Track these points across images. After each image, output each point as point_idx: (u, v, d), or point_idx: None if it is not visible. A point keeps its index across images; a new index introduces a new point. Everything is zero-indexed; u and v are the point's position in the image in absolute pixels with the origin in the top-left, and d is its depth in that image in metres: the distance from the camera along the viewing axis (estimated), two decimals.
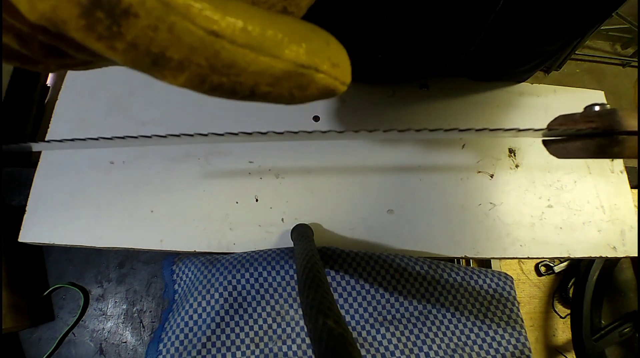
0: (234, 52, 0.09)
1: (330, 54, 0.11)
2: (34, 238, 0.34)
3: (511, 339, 0.32)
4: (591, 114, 0.17)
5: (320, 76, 0.10)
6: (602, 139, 0.17)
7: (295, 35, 0.10)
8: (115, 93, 0.39)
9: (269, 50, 0.09)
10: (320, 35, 0.11)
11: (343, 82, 0.11)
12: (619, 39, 1.56)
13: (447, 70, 0.38)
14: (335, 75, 0.11)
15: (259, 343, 0.30)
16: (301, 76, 0.10)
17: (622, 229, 0.38)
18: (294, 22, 0.10)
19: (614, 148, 0.16)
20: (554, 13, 0.29)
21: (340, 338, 0.14)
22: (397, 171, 0.38)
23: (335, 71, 0.11)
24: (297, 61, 0.10)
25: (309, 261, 0.21)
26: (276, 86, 0.10)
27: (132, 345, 0.37)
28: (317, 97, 0.11)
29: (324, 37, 0.11)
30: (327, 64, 0.10)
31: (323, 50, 0.10)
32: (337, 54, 0.11)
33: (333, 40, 0.11)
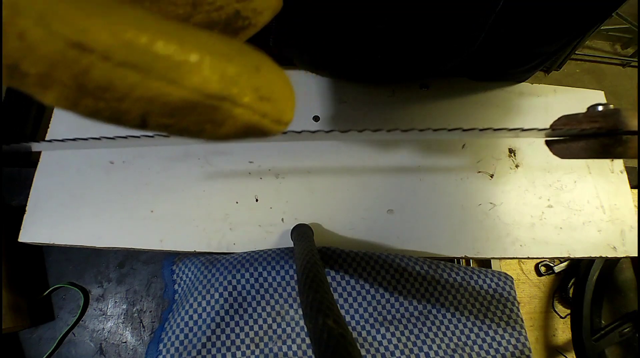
0: (108, 70, 0.07)
1: (258, 84, 0.08)
2: (34, 238, 0.34)
3: (511, 339, 0.32)
4: (594, 114, 0.17)
5: (239, 111, 0.08)
6: (606, 139, 0.17)
7: (208, 57, 0.07)
8: None
9: (163, 74, 0.07)
10: (249, 59, 0.08)
11: (277, 121, 0.09)
12: (619, 39, 1.56)
13: (447, 70, 0.38)
14: (263, 111, 0.08)
15: (259, 343, 0.30)
16: (213, 108, 0.08)
17: (622, 229, 0.38)
18: (213, 38, 0.08)
19: (617, 148, 0.16)
20: (554, 13, 0.29)
21: (340, 338, 0.14)
22: (397, 171, 0.38)
23: (264, 106, 0.08)
24: (204, 90, 0.07)
25: (309, 261, 0.21)
26: (178, 117, 0.08)
27: (132, 345, 0.37)
28: (241, 137, 0.09)
29: (255, 61, 0.08)
30: (251, 96, 0.08)
31: (248, 78, 0.08)
32: (269, 84, 0.09)
33: (267, 66, 0.09)
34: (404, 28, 0.29)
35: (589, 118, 0.17)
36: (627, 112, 0.16)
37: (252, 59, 0.08)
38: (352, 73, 0.39)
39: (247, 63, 0.08)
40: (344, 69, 0.38)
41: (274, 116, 0.09)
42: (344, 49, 0.33)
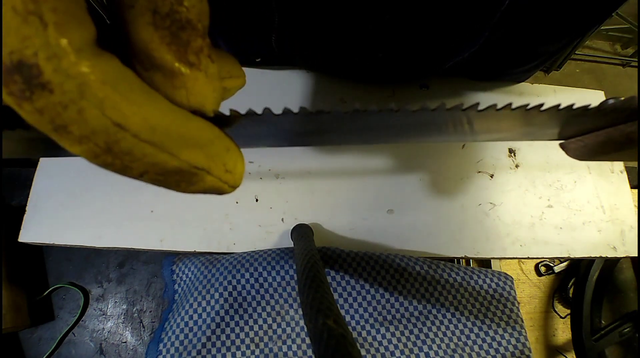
0: (134, 144, 0.09)
1: (227, 161, 0.11)
2: (34, 238, 0.34)
3: (511, 339, 0.32)
4: (607, 107, 0.15)
5: (210, 178, 0.11)
6: (628, 125, 0.15)
7: (199, 139, 0.10)
8: None
9: (169, 149, 0.10)
10: (223, 142, 0.11)
11: (232, 186, 0.12)
12: (619, 39, 1.56)
13: (447, 70, 0.38)
14: (225, 179, 0.12)
15: (259, 343, 0.30)
16: (193, 174, 0.11)
17: (622, 229, 0.38)
18: (203, 125, 0.11)
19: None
20: (556, 13, 0.29)
21: (340, 338, 0.14)
22: (397, 171, 0.38)
23: (227, 176, 0.12)
24: (192, 162, 0.10)
25: (309, 261, 0.21)
26: (166, 176, 0.10)
27: (132, 345, 0.37)
28: (201, 193, 0.12)
29: (226, 144, 0.12)
30: (221, 170, 0.11)
31: (221, 156, 0.11)
32: (233, 161, 0.12)
33: (233, 148, 0.12)
34: (410, 20, 0.29)
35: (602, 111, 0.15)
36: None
37: (225, 143, 0.12)
38: (352, 73, 0.39)
39: (222, 145, 0.11)
40: (345, 68, 0.38)
41: (231, 183, 0.12)
42: (345, 47, 0.33)
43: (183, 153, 0.10)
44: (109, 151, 0.09)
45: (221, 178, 0.11)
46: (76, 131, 0.08)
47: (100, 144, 0.09)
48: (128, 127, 0.09)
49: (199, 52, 0.10)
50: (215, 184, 0.11)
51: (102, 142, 0.09)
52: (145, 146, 0.09)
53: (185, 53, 0.10)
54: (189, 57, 0.10)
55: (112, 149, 0.09)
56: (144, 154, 0.09)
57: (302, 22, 0.31)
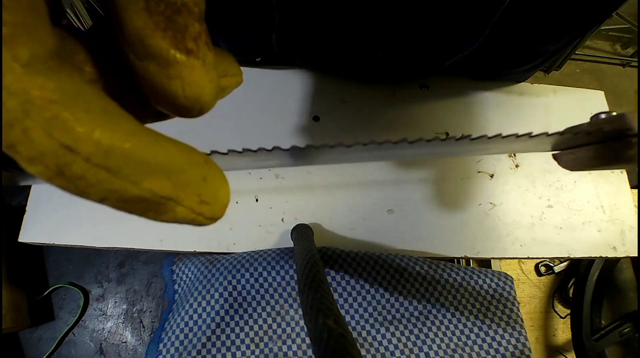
0: (86, 168, 0.08)
1: (202, 191, 0.10)
2: (34, 238, 0.34)
3: (511, 339, 0.32)
4: (599, 122, 0.17)
5: (180, 209, 0.10)
6: (616, 143, 0.16)
7: (169, 167, 0.10)
8: None
9: (127, 176, 0.09)
10: (199, 170, 0.10)
11: (210, 218, 0.11)
12: (619, 39, 1.56)
13: (447, 69, 0.38)
14: (200, 211, 0.11)
15: (259, 343, 0.30)
16: (158, 204, 0.10)
17: (622, 229, 0.38)
18: (174, 150, 0.10)
19: (628, 151, 0.16)
20: (556, 13, 0.30)
21: (340, 338, 0.14)
22: (397, 171, 0.38)
23: (202, 208, 0.11)
24: (157, 192, 0.09)
25: (309, 261, 0.21)
26: (128, 204, 0.09)
27: (132, 345, 0.37)
28: (175, 222, 0.11)
29: (203, 172, 0.11)
30: (194, 201, 0.10)
31: (195, 186, 0.10)
32: (211, 191, 0.11)
33: (213, 176, 0.11)
34: (410, 19, 0.29)
35: (594, 126, 0.17)
36: (633, 114, 0.16)
37: (203, 169, 0.11)
38: (352, 72, 0.39)
39: (197, 173, 0.10)
40: (345, 68, 0.38)
41: (208, 214, 0.11)
42: (345, 47, 0.33)
43: (145, 181, 0.09)
44: (61, 175, 0.08)
45: (194, 209, 0.10)
46: (24, 152, 0.08)
47: (51, 167, 0.08)
48: (78, 150, 0.08)
49: (197, 38, 0.10)
50: (187, 215, 0.10)
51: (53, 165, 0.08)
52: (99, 171, 0.09)
53: (182, 39, 0.09)
54: (186, 43, 0.10)
55: (64, 173, 0.08)
56: (98, 180, 0.09)
57: (303, 22, 0.31)
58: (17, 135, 0.08)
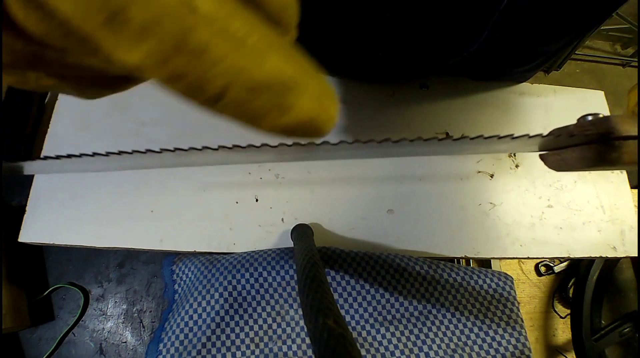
0: (209, 36, 0.07)
1: (321, 81, 0.09)
2: (34, 238, 0.34)
3: (511, 339, 0.32)
4: (585, 124, 0.17)
5: (307, 101, 0.09)
6: (600, 146, 0.17)
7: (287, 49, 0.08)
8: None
9: (254, 49, 0.08)
10: (311, 61, 0.09)
11: (331, 117, 0.09)
12: (619, 39, 1.56)
13: (447, 70, 0.38)
14: (323, 105, 0.09)
15: (259, 343, 0.30)
16: (288, 91, 0.08)
17: (622, 229, 0.38)
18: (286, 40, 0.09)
19: (612, 154, 0.16)
20: (556, 13, 0.30)
21: (340, 338, 0.14)
22: (397, 171, 0.38)
23: (324, 101, 0.09)
24: (286, 72, 0.08)
25: (309, 261, 0.21)
26: (254, 94, 0.08)
27: (132, 345, 0.37)
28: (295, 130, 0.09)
29: (314, 64, 0.09)
30: (317, 89, 0.09)
31: (314, 74, 0.09)
32: (327, 85, 0.09)
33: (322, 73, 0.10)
34: (408, 25, 0.29)
35: (580, 127, 0.17)
36: (618, 118, 0.16)
37: (313, 62, 0.09)
38: (352, 72, 0.39)
39: (311, 65, 0.09)
40: (345, 68, 0.38)
41: (329, 113, 0.09)
42: (346, 46, 0.33)
43: (272, 57, 0.08)
44: (180, 50, 0.07)
45: (318, 101, 0.09)
46: (136, 17, 0.06)
47: (167, 38, 0.07)
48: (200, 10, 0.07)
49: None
50: (313, 110, 0.09)
51: (169, 32, 0.07)
52: (224, 42, 0.07)
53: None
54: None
55: (183, 46, 0.07)
56: (224, 54, 0.07)
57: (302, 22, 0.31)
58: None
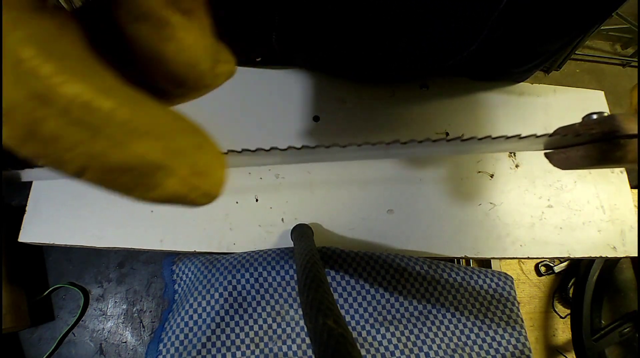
0: (62, 125, 0.07)
1: (196, 160, 0.09)
2: (34, 238, 0.34)
3: (511, 339, 0.32)
4: (590, 122, 0.17)
5: (172, 181, 0.09)
6: (604, 144, 0.17)
7: (158, 129, 0.08)
8: None
9: (111, 136, 0.08)
10: (194, 137, 0.09)
11: (205, 194, 0.10)
12: (619, 39, 1.55)
13: (447, 70, 0.38)
14: (194, 184, 0.09)
15: (259, 343, 0.30)
16: (146, 175, 0.08)
17: (622, 229, 0.38)
18: (163, 113, 0.09)
19: (616, 153, 0.16)
20: (555, 13, 0.30)
21: (340, 338, 0.14)
22: (397, 171, 0.38)
23: (196, 180, 0.09)
24: (144, 157, 0.08)
25: (309, 261, 0.21)
26: (112, 175, 0.08)
27: (132, 345, 0.37)
28: (167, 202, 0.09)
29: (198, 139, 0.09)
30: (187, 171, 0.09)
31: (189, 154, 0.09)
32: (206, 162, 0.09)
33: (208, 145, 0.10)
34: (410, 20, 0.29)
35: (584, 126, 0.17)
36: (622, 116, 0.16)
37: (197, 137, 0.09)
38: (352, 73, 0.39)
39: (191, 141, 0.09)
40: (345, 68, 0.38)
41: (205, 189, 0.09)
42: (345, 46, 0.33)
43: (132, 143, 0.08)
44: (34, 136, 0.07)
45: (187, 181, 0.09)
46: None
47: (22, 125, 0.07)
48: (53, 101, 0.07)
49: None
50: (180, 189, 0.09)
51: (24, 122, 0.07)
52: (77, 129, 0.07)
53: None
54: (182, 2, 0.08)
55: (37, 133, 0.07)
56: (76, 141, 0.07)
57: (303, 22, 0.31)
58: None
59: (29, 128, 0.07)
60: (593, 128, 0.17)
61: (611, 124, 0.16)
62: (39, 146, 0.07)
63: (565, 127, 0.19)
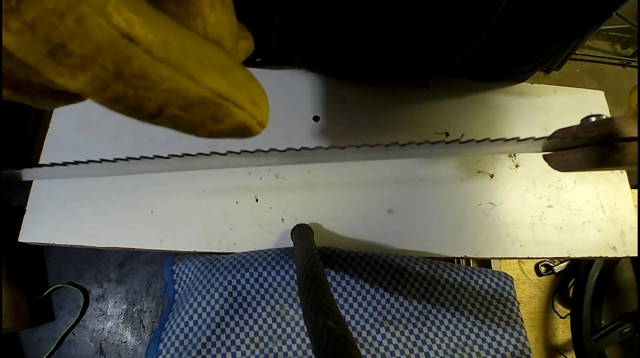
0: (147, 63, 0.08)
1: (251, 91, 0.10)
2: (34, 238, 0.34)
3: (511, 339, 0.32)
4: (589, 125, 0.17)
5: (237, 111, 0.10)
6: (603, 147, 0.17)
7: (220, 65, 0.09)
8: None
9: (188, 71, 0.08)
10: (244, 72, 0.10)
11: (260, 123, 0.11)
12: (619, 39, 1.55)
13: (447, 70, 0.38)
14: (253, 113, 0.10)
15: (259, 343, 0.30)
16: (218, 106, 0.09)
17: (622, 229, 0.38)
18: (220, 53, 0.10)
19: (615, 155, 0.16)
20: (555, 13, 0.30)
21: (340, 338, 0.14)
22: (397, 171, 0.38)
23: (254, 109, 0.10)
24: (216, 89, 0.09)
25: (309, 261, 0.21)
26: (189, 110, 0.09)
27: (132, 345, 0.37)
28: (230, 134, 0.10)
29: (247, 74, 0.10)
30: (247, 101, 0.10)
31: (245, 86, 0.10)
32: (258, 93, 0.11)
33: (255, 80, 0.11)
34: (410, 20, 0.29)
35: (583, 129, 0.17)
36: (621, 119, 0.16)
37: (246, 73, 0.10)
38: (352, 73, 0.39)
39: (244, 75, 0.10)
40: (345, 68, 0.38)
41: (259, 118, 0.11)
42: (345, 47, 0.33)
43: (204, 77, 0.09)
44: (120, 77, 0.08)
45: (249, 111, 0.10)
46: (78, 50, 0.07)
47: (108, 67, 0.07)
48: (138, 40, 0.07)
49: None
50: (244, 118, 0.10)
51: (110, 63, 0.07)
52: (161, 66, 0.08)
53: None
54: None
55: (123, 73, 0.08)
56: (160, 78, 0.08)
57: (302, 23, 0.31)
58: (70, 27, 0.07)
59: (118, 68, 0.07)
60: (591, 131, 0.17)
61: (610, 126, 0.16)
62: (124, 85, 0.08)
63: (564, 129, 0.19)
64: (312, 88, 0.40)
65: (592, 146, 0.17)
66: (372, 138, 0.39)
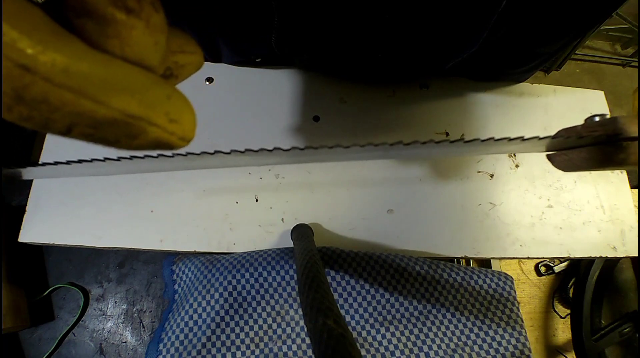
0: (47, 89, 0.08)
1: (169, 109, 0.10)
2: (34, 238, 0.34)
3: (511, 339, 0.32)
4: (593, 124, 0.17)
5: (153, 129, 0.10)
6: (607, 146, 0.17)
7: (131, 85, 0.09)
8: None
9: (92, 94, 0.08)
10: (163, 89, 0.10)
11: (182, 138, 0.11)
12: (619, 39, 1.55)
13: (447, 70, 0.38)
14: (171, 130, 0.10)
15: (259, 343, 0.30)
16: (129, 125, 0.09)
17: (622, 229, 0.38)
18: (137, 73, 0.10)
19: (619, 155, 0.16)
20: (555, 13, 0.30)
21: (340, 338, 0.14)
22: (397, 171, 0.38)
23: (173, 126, 0.10)
24: (126, 110, 0.09)
25: (309, 261, 0.21)
26: (99, 129, 0.09)
27: (132, 345, 0.37)
28: (149, 148, 0.11)
29: (166, 91, 0.10)
30: (164, 119, 0.10)
31: (162, 104, 0.10)
32: (178, 110, 0.11)
33: (177, 96, 0.11)
34: (406, 27, 0.29)
35: (587, 128, 0.17)
36: (625, 118, 0.16)
37: (165, 89, 0.10)
38: (352, 73, 0.39)
39: (161, 92, 0.10)
40: (345, 68, 0.38)
41: (179, 134, 0.11)
42: (345, 47, 0.33)
43: (112, 99, 0.09)
44: (21, 100, 0.08)
45: (166, 128, 0.10)
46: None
47: (9, 92, 0.08)
48: (35, 69, 0.08)
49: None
50: (161, 136, 0.10)
51: (9, 89, 0.08)
52: (62, 92, 0.08)
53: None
54: (126, 1, 0.09)
55: (24, 98, 0.08)
56: (62, 102, 0.08)
57: (302, 23, 0.31)
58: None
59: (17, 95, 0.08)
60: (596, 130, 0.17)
61: (614, 126, 0.16)
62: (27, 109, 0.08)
63: (568, 129, 0.19)
64: (312, 88, 0.40)
65: (596, 146, 0.17)
66: (372, 137, 0.39)
